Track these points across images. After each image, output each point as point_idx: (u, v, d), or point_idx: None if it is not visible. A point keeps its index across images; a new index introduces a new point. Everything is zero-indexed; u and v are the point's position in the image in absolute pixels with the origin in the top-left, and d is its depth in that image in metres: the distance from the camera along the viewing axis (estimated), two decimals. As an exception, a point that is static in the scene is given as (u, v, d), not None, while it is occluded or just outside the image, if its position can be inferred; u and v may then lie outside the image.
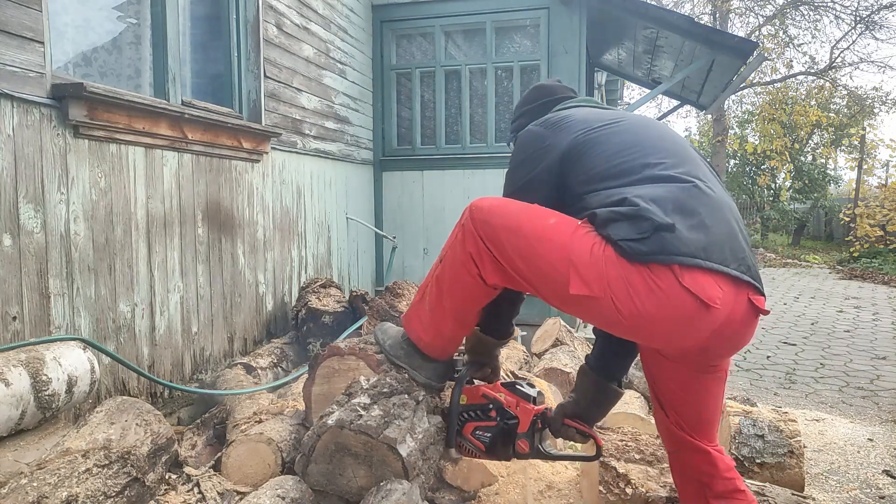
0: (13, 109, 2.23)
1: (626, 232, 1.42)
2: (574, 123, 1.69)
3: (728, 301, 1.42)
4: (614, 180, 1.54)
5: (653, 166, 1.54)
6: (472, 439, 1.87)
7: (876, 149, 16.30)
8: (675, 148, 1.63)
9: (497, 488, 2.25)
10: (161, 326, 2.96)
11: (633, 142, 1.61)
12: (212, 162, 3.32)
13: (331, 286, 4.06)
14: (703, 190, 1.51)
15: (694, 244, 1.41)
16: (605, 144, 1.61)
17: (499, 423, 1.83)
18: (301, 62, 4.21)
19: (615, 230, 1.44)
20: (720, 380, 1.67)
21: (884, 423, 3.62)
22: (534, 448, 1.83)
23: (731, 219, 1.53)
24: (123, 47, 3.07)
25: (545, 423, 1.83)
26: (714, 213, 1.48)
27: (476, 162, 5.33)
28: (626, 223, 1.43)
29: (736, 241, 1.49)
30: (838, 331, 6.39)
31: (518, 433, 1.82)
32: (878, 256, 12.37)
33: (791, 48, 17.91)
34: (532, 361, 3.81)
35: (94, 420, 2.02)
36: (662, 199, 1.45)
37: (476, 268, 1.69)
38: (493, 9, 5.22)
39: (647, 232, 1.40)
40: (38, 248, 2.33)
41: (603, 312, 1.47)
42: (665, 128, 1.75)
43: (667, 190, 1.48)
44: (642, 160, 1.56)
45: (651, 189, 1.48)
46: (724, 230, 1.48)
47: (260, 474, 2.23)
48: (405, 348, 1.96)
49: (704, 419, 1.68)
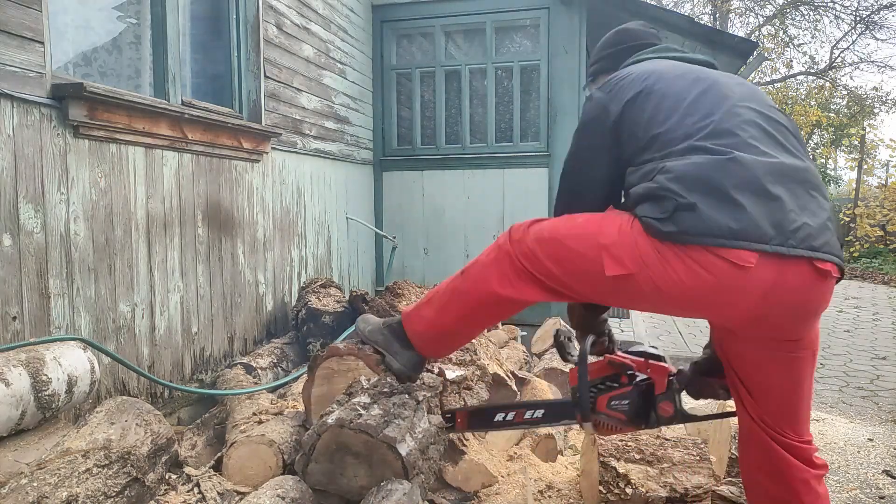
0: (13, 109, 2.23)
1: (651, 210, 1.43)
2: (633, 84, 1.60)
3: (771, 264, 1.35)
4: (655, 152, 1.50)
5: (693, 135, 1.47)
6: (609, 412, 1.75)
7: (876, 149, 16.30)
8: (733, 109, 1.50)
9: (497, 488, 2.25)
10: (161, 326, 2.96)
11: (683, 107, 1.52)
12: (212, 162, 3.32)
13: (331, 286, 4.06)
14: (741, 162, 1.39)
15: (718, 224, 1.36)
16: (655, 110, 1.54)
17: (634, 387, 1.73)
18: (301, 62, 4.21)
19: (641, 208, 1.45)
20: (804, 360, 1.53)
21: (884, 423, 3.62)
22: (678, 410, 1.73)
23: (784, 188, 1.40)
24: (123, 47, 3.07)
25: (682, 383, 1.76)
26: (751, 185, 1.38)
27: (476, 162, 5.33)
28: (650, 201, 1.44)
29: (785, 212, 1.37)
30: (838, 331, 6.39)
31: (657, 395, 1.72)
32: (878, 256, 12.38)
33: (791, 48, 17.91)
34: (532, 361, 3.81)
35: (94, 420, 2.01)
36: (688, 176, 1.41)
37: (506, 284, 1.65)
38: (493, 9, 5.22)
39: (668, 212, 1.39)
40: (38, 248, 2.33)
41: (643, 290, 1.45)
42: (733, 83, 1.60)
43: (696, 164, 1.42)
44: (685, 129, 1.48)
45: (682, 163, 1.43)
46: (765, 204, 1.37)
47: (261, 476, 2.23)
48: (385, 334, 1.92)
49: (791, 408, 1.56)
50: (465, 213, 5.33)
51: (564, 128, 5.04)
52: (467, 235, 5.35)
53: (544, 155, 5.13)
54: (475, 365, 2.42)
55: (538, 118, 5.22)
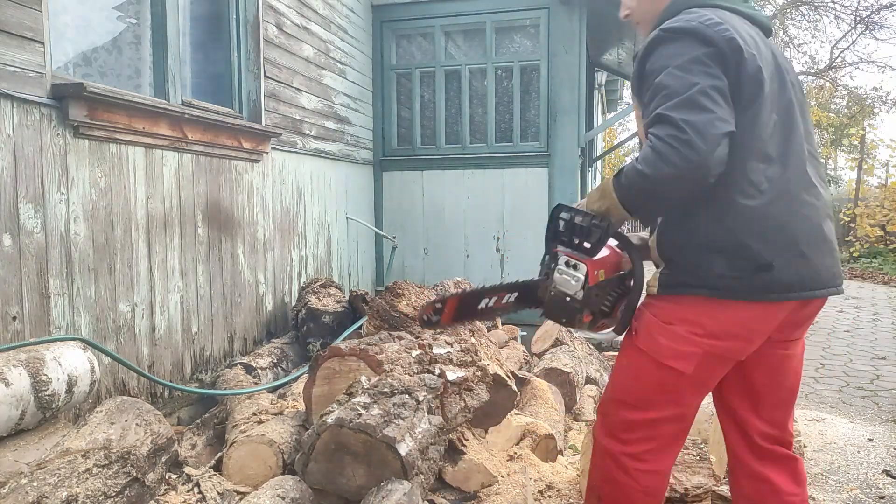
0: (13, 109, 2.23)
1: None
2: (742, 40, 1.45)
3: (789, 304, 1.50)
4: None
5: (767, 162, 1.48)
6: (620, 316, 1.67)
7: (876, 149, 16.31)
8: (799, 147, 1.51)
9: (497, 488, 2.24)
10: (161, 326, 2.96)
11: (770, 128, 1.49)
12: (212, 162, 3.32)
13: (331, 286, 4.06)
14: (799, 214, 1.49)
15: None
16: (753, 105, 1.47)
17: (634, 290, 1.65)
18: (301, 62, 4.21)
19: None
20: (800, 354, 1.68)
21: (884, 423, 3.62)
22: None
23: (814, 241, 1.52)
24: (123, 47, 3.07)
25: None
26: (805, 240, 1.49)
27: (476, 162, 5.33)
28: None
29: (813, 267, 1.50)
30: (838, 331, 6.39)
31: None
32: (878, 256, 12.38)
33: (791, 48, 17.89)
34: (532, 361, 3.81)
35: (94, 420, 2.01)
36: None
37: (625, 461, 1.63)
38: (493, 9, 5.22)
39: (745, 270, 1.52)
40: (38, 248, 2.33)
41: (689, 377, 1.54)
42: (792, 80, 1.56)
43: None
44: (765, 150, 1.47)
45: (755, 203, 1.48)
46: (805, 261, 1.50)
47: (261, 476, 2.23)
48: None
49: (792, 399, 1.69)
50: (465, 213, 5.33)
51: (564, 128, 5.05)
52: (467, 235, 5.35)
53: (544, 155, 5.13)
54: (475, 366, 2.42)
55: (538, 118, 5.22)
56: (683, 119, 1.35)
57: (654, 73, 1.46)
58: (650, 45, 1.51)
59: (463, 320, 1.79)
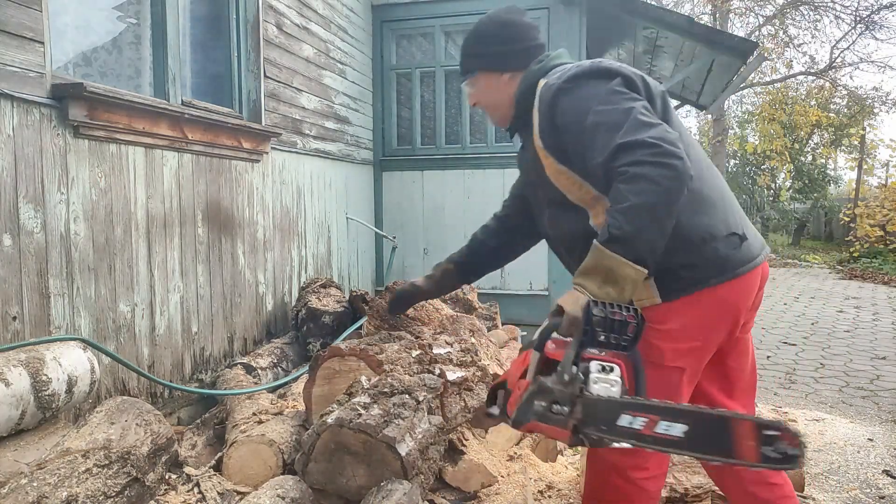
0: (13, 109, 2.23)
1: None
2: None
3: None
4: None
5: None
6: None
7: (876, 149, 16.33)
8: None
9: (497, 488, 2.24)
10: (161, 326, 2.96)
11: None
12: (212, 162, 3.32)
13: (331, 286, 4.06)
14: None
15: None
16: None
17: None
18: (301, 62, 4.21)
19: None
20: (751, 337, 1.78)
21: (884, 423, 3.62)
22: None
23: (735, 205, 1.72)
24: (123, 47, 3.07)
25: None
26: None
27: (476, 162, 5.33)
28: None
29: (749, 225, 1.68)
30: (838, 331, 6.39)
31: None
32: (878, 256, 12.37)
33: (791, 48, 17.89)
34: (532, 361, 3.80)
35: (94, 420, 2.01)
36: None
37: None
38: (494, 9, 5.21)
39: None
40: (38, 248, 2.33)
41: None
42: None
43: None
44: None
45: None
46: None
47: (261, 476, 2.23)
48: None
49: (754, 386, 1.79)
50: (465, 213, 5.33)
51: (564, 128, 5.04)
52: (467, 235, 5.27)
53: (544, 155, 5.12)
54: (476, 366, 2.42)
55: (538, 118, 5.21)
56: (647, 136, 1.38)
57: (576, 122, 1.51)
58: (552, 100, 1.57)
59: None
